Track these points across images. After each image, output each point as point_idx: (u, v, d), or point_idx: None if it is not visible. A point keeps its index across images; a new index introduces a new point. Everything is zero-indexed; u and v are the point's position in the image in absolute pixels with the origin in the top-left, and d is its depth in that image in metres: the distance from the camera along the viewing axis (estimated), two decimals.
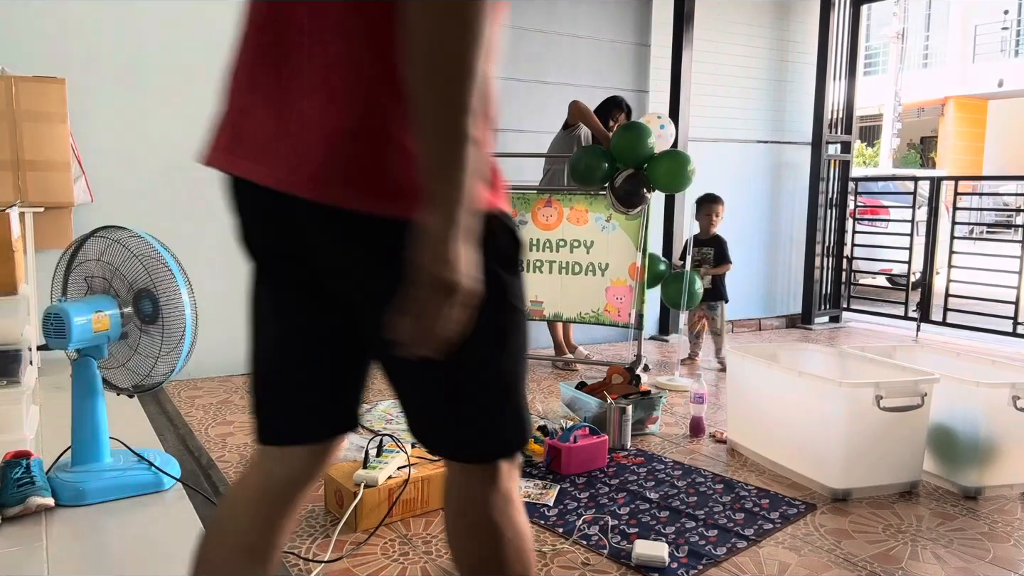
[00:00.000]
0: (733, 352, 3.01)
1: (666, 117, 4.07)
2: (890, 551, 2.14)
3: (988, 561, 2.11)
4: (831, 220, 6.14)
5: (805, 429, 2.61)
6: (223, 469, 2.65)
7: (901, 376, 2.63)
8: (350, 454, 2.68)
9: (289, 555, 2.01)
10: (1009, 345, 5.32)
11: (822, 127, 5.95)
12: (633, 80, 5.17)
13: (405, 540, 2.14)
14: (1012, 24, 17.91)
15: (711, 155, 5.28)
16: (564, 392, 3.23)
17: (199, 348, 2.38)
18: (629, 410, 2.94)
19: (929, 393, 2.51)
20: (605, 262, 4.19)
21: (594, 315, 4.24)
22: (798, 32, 5.95)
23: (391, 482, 2.24)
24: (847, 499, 2.47)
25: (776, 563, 2.05)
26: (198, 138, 4.25)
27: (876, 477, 2.52)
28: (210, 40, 3.88)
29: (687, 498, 2.48)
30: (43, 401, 3.06)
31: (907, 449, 2.54)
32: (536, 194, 4.30)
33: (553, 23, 4.83)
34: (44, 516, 2.15)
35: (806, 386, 2.60)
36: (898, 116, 17.77)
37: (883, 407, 2.44)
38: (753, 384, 2.90)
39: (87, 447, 2.31)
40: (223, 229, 3.99)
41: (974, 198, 8.42)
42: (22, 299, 2.62)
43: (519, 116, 4.79)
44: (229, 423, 3.21)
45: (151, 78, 3.77)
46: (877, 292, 7.05)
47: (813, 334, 5.84)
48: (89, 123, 3.61)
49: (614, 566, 2.01)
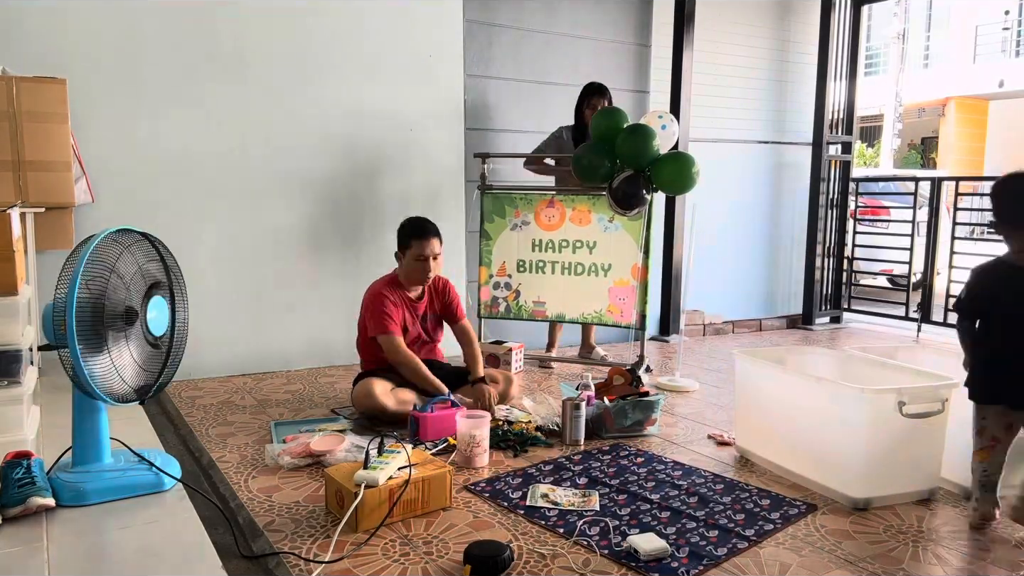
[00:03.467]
0: (740, 355, 2.94)
1: (668, 115, 4.02)
2: (891, 552, 2.14)
3: (988, 562, 2.11)
4: (832, 220, 6.14)
5: (823, 437, 2.54)
6: (223, 469, 2.65)
7: (904, 377, 2.62)
8: (350, 455, 2.68)
9: (289, 555, 2.01)
10: None
11: (823, 127, 5.95)
12: (633, 80, 5.17)
13: (406, 540, 2.13)
14: (1013, 24, 17.89)
15: (711, 155, 5.28)
16: (564, 392, 3.23)
17: (199, 348, 2.38)
18: (582, 407, 3.05)
19: (949, 399, 2.46)
20: (607, 263, 4.19)
21: (596, 315, 4.24)
22: (799, 32, 5.95)
23: (392, 483, 2.24)
24: (867, 508, 2.42)
25: (777, 564, 2.05)
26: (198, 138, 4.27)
27: (896, 485, 2.47)
28: (211, 40, 3.89)
29: (688, 498, 2.48)
30: (43, 401, 3.06)
31: (926, 456, 2.50)
32: (539, 195, 4.30)
33: (553, 23, 4.83)
34: (45, 516, 2.15)
35: (825, 392, 2.54)
36: (899, 116, 17.75)
37: (905, 413, 2.39)
38: (764, 389, 2.84)
39: (88, 447, 2.31)
40: (223, 229, 4.01)
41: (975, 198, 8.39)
42: (22, 299, 2.62)
43: (520, 116, 4.79)
44: (229, 423, 3.20)
45: (151, 78, 3.77)
46: (878, 293, 7.04)
47: (814, 335, 5.84)
48: (90, 123, 3.62)
49: (614, 566, 2.01)
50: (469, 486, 2.54)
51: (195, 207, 3.93)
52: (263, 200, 4.09)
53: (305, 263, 4.24)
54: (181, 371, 2.46)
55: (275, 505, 2.35)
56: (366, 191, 4.36)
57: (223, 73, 3.92)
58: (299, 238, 4.21)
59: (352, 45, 4.23)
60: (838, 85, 6.01)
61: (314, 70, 4.14)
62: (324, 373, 4.15)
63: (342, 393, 3.70)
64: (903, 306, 6.10)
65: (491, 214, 4.34)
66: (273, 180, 4.10)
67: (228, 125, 3.96)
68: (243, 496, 2.42)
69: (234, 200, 4.02)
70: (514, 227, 4.32)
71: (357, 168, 4.32)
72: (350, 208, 4.33)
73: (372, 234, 4.39)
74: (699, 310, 5.58)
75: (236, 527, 2.15)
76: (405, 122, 4.42)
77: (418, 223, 3.39)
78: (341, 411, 3.41)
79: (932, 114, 19.24)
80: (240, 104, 3.98)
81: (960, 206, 6.22)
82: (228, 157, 3.98)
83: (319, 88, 4.16)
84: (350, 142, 4.28)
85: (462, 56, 4.56)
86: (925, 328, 5.81)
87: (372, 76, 4.30)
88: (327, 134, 4.22)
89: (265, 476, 2.60)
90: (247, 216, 4.06)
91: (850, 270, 6.39)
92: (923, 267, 5.89)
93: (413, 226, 3.38)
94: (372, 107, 4.31)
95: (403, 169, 4.45)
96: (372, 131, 4.33)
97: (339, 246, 4.32)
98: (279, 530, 2.17)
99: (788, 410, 2.71)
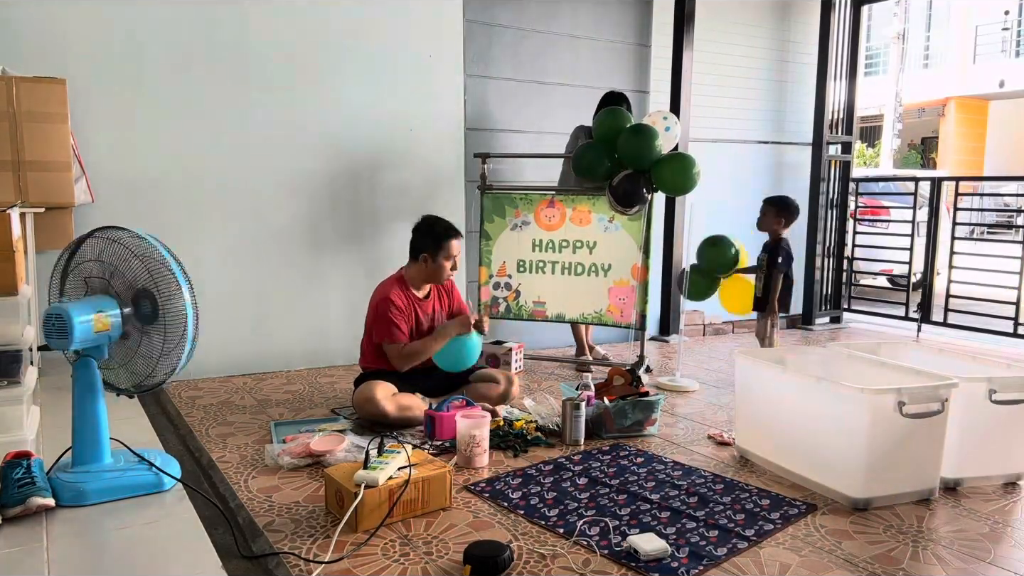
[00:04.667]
0: (740, 355, 2.95)
1: (672, 117, 4.03)
2: (891, 552, 2.14)
3: (988, 562, 2.11)
4: (832, 221, 6.14)
5: (823, 437, 2.54)
6: (223, 469, 2.65)
7: (904, 377, 2.62)
8: (350, 455, 2.68)
9: (289, 555, 2.01)
10: (1009, 345, 5.32)
11: (823, 127, 5.95)
12: (633, 80, 5.17)
13: (405, 541, 2.13)
14: (1013, 24, 17.90)
15: (712, 155, 5.28)
16: (564, 392, 3.23)
17: (199, 348, 2.38)
18: (582, 407, 3.06)
19: (949, 398, 2.47)
20: (608, 263, 4.19)
21: (596, 315, 4.24)
22: (799, 32, 5.95)
23: (391, 483, 2.24)
24: (867, 508, 2.42)
25: (777, 564, 2.05)
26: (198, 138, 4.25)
27: (896, 485, 2.47)
28: (211, 40, 3.89)
29: (688, 498, 2.48)
30: (43, 401, 3.06)
31: (926, 456, 2.50)
32: (539, 195, 4.30)
33: (553, 23, 4.83)
34: (44, 516, 2.15)
35: (825, 392, 2.54)
36: (899, 116, 17.76)
37: (906, 413, 2.39)
38: (765, 390, 2.83)
39: (87, 447, 2.31)
40: (223, 230, 4.01)
41: (975, 199, 8.42)
42: (22, 299, 2.63)
43: (520, 116, 4.79)
44: (229, 423, 3.20)
45: (151, 78, 3.77)
46: (878, 293, 7.05)
47: (814, 335, 5.84)
48: (90, 123, 3.62)
49: (614, 566, 2.01)
50: (469, 486, 2.54)
51: (195, 207, 3.92)
52: (263, 200, 4.09)
53: (305, 263, 4.24)
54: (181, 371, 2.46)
55: (275, 505, 2.35)
56: (366, 191, 4.36)
57: (223, 73, 3.92)
58: (299, 238, 4.21)
59: (352, 45, 4.23)
60: (838, 85, 6.01)
61: (314, 70, 4.14)
62: (324, 373, 4.15)
63: (342, 393, 3.70)
64: (903, 306, 6.10)
65: (491, 214, 4.34)
66: (273, 180, 4.10)
67: (228, 125, 3.96)
68: (243, 496, 2.42)
69: (234, 200, 4.02)
70: (514, 227, 4.32)
71: (357, 168, 4.32)
72: (350, 208, 4.33)
73: (372, 234, 4.39)
74: (699, 310, 5.58)
75: (236, 527, 2.15)
76: (405, 122, 4.42)
77: (448, 224, 3.36)
78: (341, 411, 3.40)
79: (932, 114, 19.25)
80: (240, 104, 3.98)
81: (960, 206, 6.23)
82: (228, 157, 3.98)
83: (319, 88, 4.16)
84: (350, 142, 4.28)
85: (462, 56, 4.56)
86: (925, 328, 5.82)
87: (372, 76, 4.30)
88: (327, 134, 4.22)
89: (265, 476, 2.60)
90: (247, 216, 4.06)
91: (850, 270, 6.39)
92: (923, 267, 5.89)
93: (446, 227, 3.34)
94: (372, 107, 4.31)
95: (403, 169, 4.45)
96: (372, 131, 4.33)
97: (339, 246, 4.32)
98: (279, 530, 2.17)
99: (788, 410, 2.71)
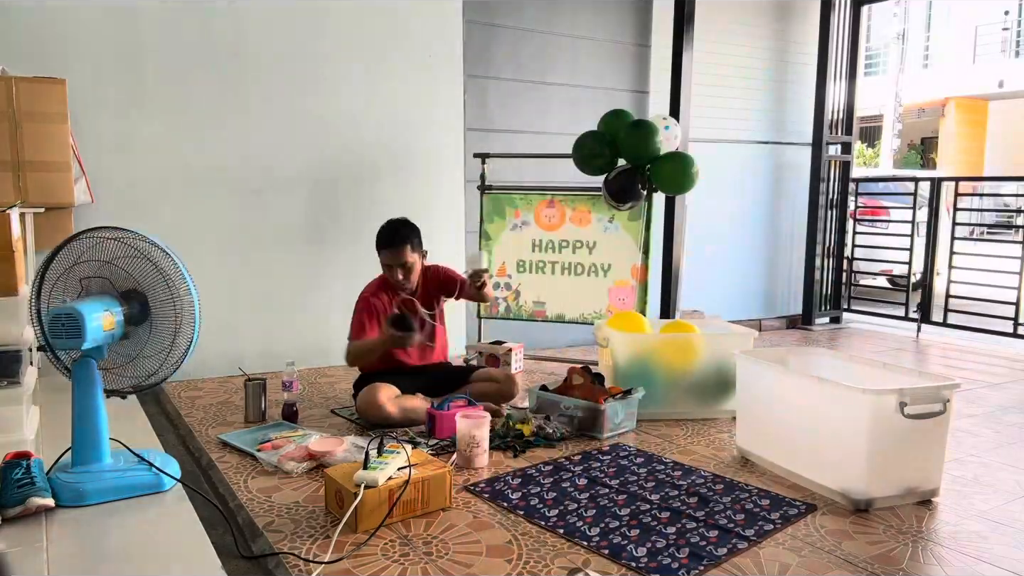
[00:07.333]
0: (740, 355, 2.94)
1: (671, 119, 4.05)
2: (891, 552, 2.14)
3: (988, 562, 2.11)
4: (831, 221, 6.14)
5: (824, 437, 2.54)
6: (223, 469, 2.65)
7: (906, 378, 2.62)
8: (350, 455, 2.68)
9: (289, 555, 2.01)
10: (1009, 346, 5.32)
11: (822, 128, 5.95)
12: (633, 80, 5.17)
13: (405, 541, 2.13)
14: (1012, 24, 17.91)
15: (711, 156, 5.28)
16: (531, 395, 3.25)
17: (199, 348, 2.37)
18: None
19: (951, 399, 2.46)
20: (607, 263, 4.19)
21: (596, 316, 4.24)
22: (798, 33, 5.95)
23: (391, 483, 2.24)
24: (867, 508, 2.42)
25: (777, 564, 2.05)
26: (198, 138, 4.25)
27: (897, 486, 2.47)
28: (211, 40, 3.89)
29: (688, 498, 2.48)
30: (43, 402, 3.06)
31: (928, 457, 2.50)
32: (539, 195, 4.30)
33: (553, 24, 4.83)
34: (44, 517, 2.15)
35: (825, 392, 2.54)
36: (898, 117, 17.77)
37: (907, 414, 2.39)
38: (765, 389, 2.83)
39: (87, 448, 2.31)
40: (223, 230, 4.00)
41: (974, 199, 8.40)
42: (22, 300, 2.62)
43: (520, 117, 4.79)
44: (229, 423, 3.20)
45: (151, 78, 3.77)
46: (878, 293, 7.04)
47: (814, 335, 5.84)
48: (89, 123, 3.62)
49: (614, 566, 2.01)
50: (469, 486, 2.54)
51: (195, 207, 3.92)
52: (263, 200, 4.09)
53: (305, 263, 4.23)
54: (181, 371, 2.45)
55: (274, 505, 2.35)
56: (366, 191, 4.35)
57: (223, 73, 3.92)
58: (299, 238, 4.21)
59: (352, 45, 4.23)
60: (838, 85, 6.01)
61: (314, 70, 4.14)
62: (324, 373, 4.14)
63: (342, 393, 3.70)
64: (903, 306, 6.11)
65: (491, 214, 4.34)
66: (273, 180, 4.10)
67: (228, 125, 3.96)
68: (242, 496, 2.41)
69: (234, 200, 4.02)
70: (514, 227, 4.32)
71: (357, 168, 4.32)
72: (350, 208, 4.32)
73: (371, 234, 4.35)
74: (698, 310, 5.58)
75: (235, 527, 2.15)
76: (405, 122, 4.42)
77: (386, 232, 3.32)
78: (341, 411, 3.40)
79: (932, 114, 19.25)
80: (240, 104, 3.97)
81: (960, 206, 6.22)
82: (228, 157, 3.98)
83: (319, 88, 4.16)
84: (350, 142, 4.28)
85: (462, 56, 4.56)
86: (925, 328, 5.82)
87: (372, 76, 4.30)
88: (327, 134, 4.21)
89: (264, 476, 2.59)
90: (247, 216, 4.06)
91: (850, 270, 6.39)
92: (923, 267, 5.89)
93: (381, 235, 3.33)
94: (372, 107, 4.31)
95: (403, 169, 4.45)
96: (372, 131, 4.33)
97: (339, 246, 4.32)
98: (279, 530, 2.17)
99: (788, 410, 2.70)
